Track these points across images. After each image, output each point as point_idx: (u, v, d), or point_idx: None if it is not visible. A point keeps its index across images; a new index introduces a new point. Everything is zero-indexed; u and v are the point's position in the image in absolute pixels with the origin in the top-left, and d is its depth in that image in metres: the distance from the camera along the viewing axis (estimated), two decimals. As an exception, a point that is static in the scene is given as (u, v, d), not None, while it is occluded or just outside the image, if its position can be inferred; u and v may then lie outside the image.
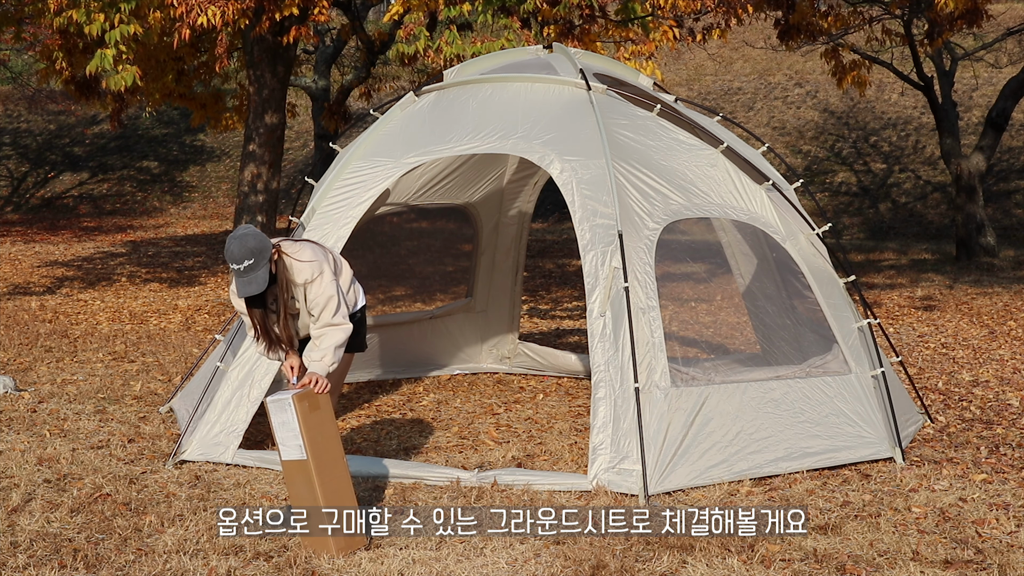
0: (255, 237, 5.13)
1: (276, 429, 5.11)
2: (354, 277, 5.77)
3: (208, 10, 10.29)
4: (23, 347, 10.10)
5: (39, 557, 4.97)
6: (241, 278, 5.10)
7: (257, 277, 5.11)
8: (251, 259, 5.08)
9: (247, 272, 5.09)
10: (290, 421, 5.05)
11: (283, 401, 5.06)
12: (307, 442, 5.02)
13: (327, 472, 5.06)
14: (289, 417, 5.05)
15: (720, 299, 9.83)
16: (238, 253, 5.07)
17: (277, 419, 5.10)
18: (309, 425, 5.06)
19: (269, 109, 13.73)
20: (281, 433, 5.09)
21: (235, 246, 5.08)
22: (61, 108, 30.27)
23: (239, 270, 5.09)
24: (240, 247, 5.08)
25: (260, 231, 5.21)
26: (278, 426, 5.10)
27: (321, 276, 5.32)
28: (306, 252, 5.36)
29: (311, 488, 5.02)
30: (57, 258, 17.95)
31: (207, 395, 6.63)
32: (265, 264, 5.13)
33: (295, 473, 5.06)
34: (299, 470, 5.05)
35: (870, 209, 22.47)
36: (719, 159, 6.85)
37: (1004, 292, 13.98)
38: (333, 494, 5.05)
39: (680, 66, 28.86)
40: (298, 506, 5.07)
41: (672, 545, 5.08)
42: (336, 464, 5.12)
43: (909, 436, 6.92)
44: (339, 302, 5.36)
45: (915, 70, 17.53)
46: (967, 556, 5.00)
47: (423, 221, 10.85)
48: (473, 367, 9.43)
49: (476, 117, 6.93)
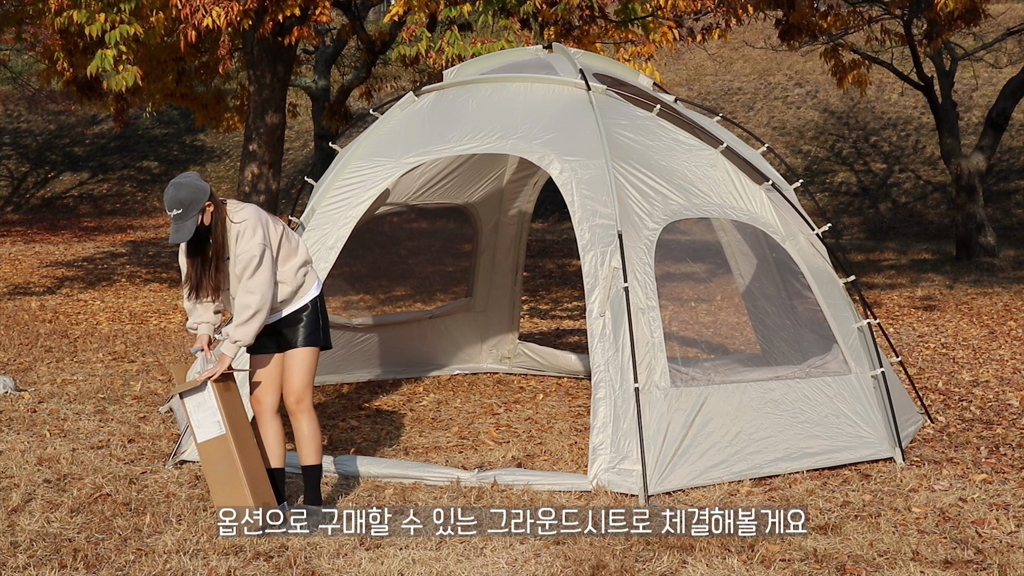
0: (188, 188, 5.14)
1: (192, 413, 5.29)
2: (311, 267, 5.54)
3: (213, 11, 10.28)
4: (23, 347, 10.10)
5: (39, 557, 4.97)
6: (173, 224, 5.19)
7: (184, 227, 5.14)
8: (180, 209, 5.12)
9: (176, 220, 5.15)
10: (207, 400, 5.26)
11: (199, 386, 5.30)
12: (225, 417, 5.23)
13: (244, 446, 5.28)
14: (206, 396, 5.26)
15: (720, 299, 9.83)
16: (169, 200, 5.14)
17: (192, 403, 5.29)
18: (225, 402, 5.28)
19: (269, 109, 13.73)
20: (197, 415, 5.28)
21: (169, 193, 5.15)
22: (61, 108, 30.27)
23: (171, 216, 5.17)
24: (172, 195, 5.13)
25: (201, 182, 5.21)
26: (194, 409, 5.28)
27: (253, 235, 5.22)
28: (244, 212, 5.30)
29: (231, 461, 5.21)
30: (57, 258, 17.95)
31: (207, 395, 6.63)
32: (194, 216, 5.14)
33: (213, 451, 5.25)
34: (218, 447, 5.24)
35: (870, 209, 22.48)
36: (719, 159, 6.86)
37: (1004, 292, 13.98)
38: (250, 467, 5.26)
39: (680, 66, 28.86)
40: (216, 484, 5.24)
41: (672, 545, 5.08)
42: (249, 441, 5.37)
43: (909, 436, 6.92)
44: (260, 265, 5.20)
45: (915, 70, 17.54)
46: (967, 556, 5.00)
47: (423, 221, 10.86)
48: (473, 367, 9.43)
49: (476, 117, 6.93)
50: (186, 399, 5.30)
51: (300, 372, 5.43)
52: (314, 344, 5.46)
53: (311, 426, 5.46)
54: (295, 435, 5.48)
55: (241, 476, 5.21)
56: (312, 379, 5.48)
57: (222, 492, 5.22)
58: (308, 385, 5.45)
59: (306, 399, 5.45)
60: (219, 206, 5.27)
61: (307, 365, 5.44)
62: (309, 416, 5.46)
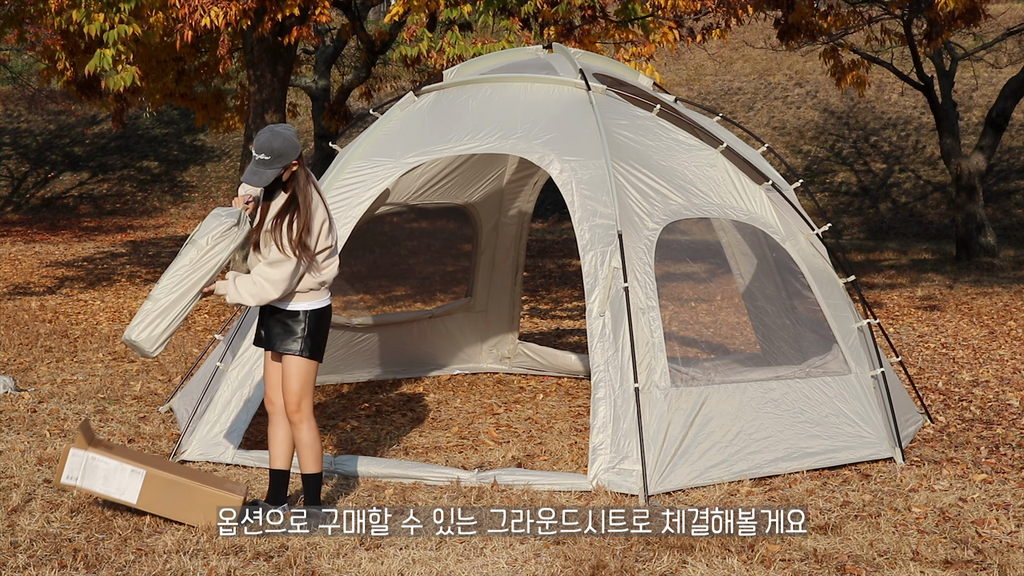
0: (285, 140, 5.08)
1: (103, 486, 5.38)
2: (327, 285, 5.46)
3: (211, 11, 10.28)
4: (23, 347, 10.10)
5: (39, 557, 4.97)
6: (253, 166, 5.11)
7: (264, 174, 5.09)
8: (268, 156, 5.07)
9: (259, 164, 5.09)
10: (104, 466, 5.38)
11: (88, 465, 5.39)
12: (129, 461, 5.39)
13: (165, 467, 5.52)
14: (100, 463, 5.37)
15: (720, 299, 9.83)
16: (262, 143, 5.07)
17: (97, 480, 5.38)
18: (118, 453, 5.47)
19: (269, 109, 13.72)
20: (112, 484, 5.37)
21: (265, 136, 5.09)
22: (61, 108, 30.26)
23: (255, 159, 5.09)
24: (267, 140, 5.07)
25: (295, 139, 5.14)
26: (103, 482, 5.38)
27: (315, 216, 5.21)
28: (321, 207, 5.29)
29: (173, 484, 5.37)
30: (57, 258, 17.95)
31: (207, 395, 6.63)
32: (278, 168, 5.09)
33: (153, 493, 5.36)
34: (153, 487, 5.35)
35: (870, 209, 22.48)
36: (719, 159, 6.86)
37: (1004, 292, 13.98)
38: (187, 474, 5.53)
39: (680, 66, 28.86)
40: (183, 511, 5.36)
41: (672, 545, 5.08)
42: (159, 460, 5.72)
43: (909, 436, 6.92)
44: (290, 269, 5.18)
45: (915, 70, 17.53)
46: (967, 556, 5.00)
47: (423, 221, 10.86)
48: (473, 367, 9.43)
49: (476, 117, 6.94)
50: (90, 481, 5.37)
51: (294, 381, 5.35)
52: (300, 354, 5.33)
53: (310, 435, 5.42)
54: (296, 444, 5.46)
55: (193, 485, 5.36)
56: (309, 388, 5.38)
57: (192, 513, 5.34)
58: (305, 394, 5.37)
59: (304, 408, 5.38)
60: (304, 169, 5.22)
61: (300, 375, 5.34)
62: (308, 424, 5.41)
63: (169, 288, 5.20)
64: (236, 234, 5.22)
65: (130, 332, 5.20)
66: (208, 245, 5.19)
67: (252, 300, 5.25)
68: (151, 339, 5.20)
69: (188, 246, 5.24)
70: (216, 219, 5.22)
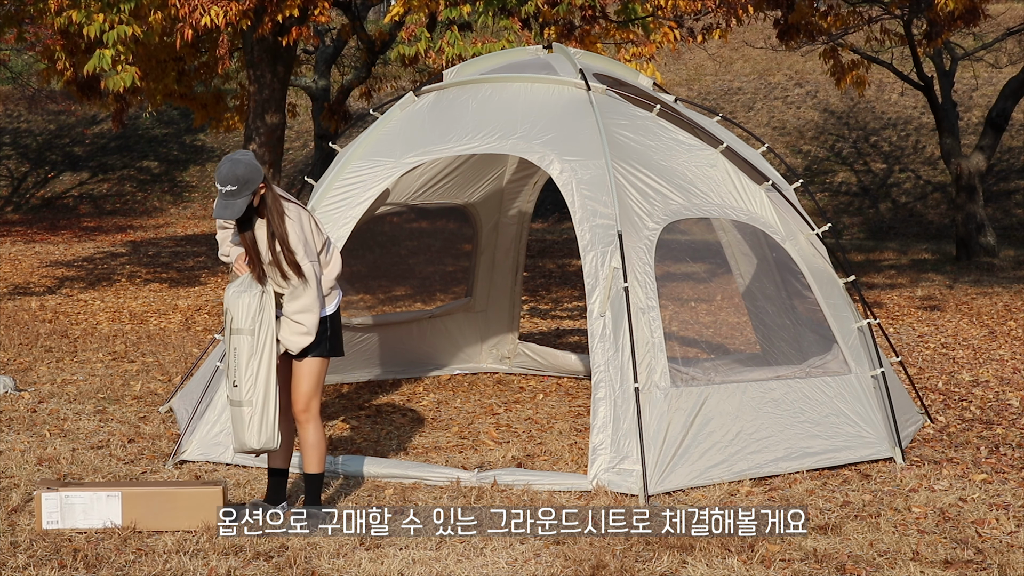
0: (247, 166, 5.07)
1: (85, 520, 5.34)
2: (337, 287, 5.53)
3: (211, 10, 10.28)
4: (23, 347, 10.10)
5: (39, 557, 4.97)
6: (221, 200, 5.10)
7: (235, 204, 5.07)
8: (235, 185, 5.05)
9: (227, 196, 5.07)
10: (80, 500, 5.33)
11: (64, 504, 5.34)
12: (107, 488, 5.39)
13: (132, 486, 5.54)
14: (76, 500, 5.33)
15: (720, 299, 9.83)
16: (225, 175, 5.05)
17: (77, 516, 5.34)
18: (88, 486, 5.45)
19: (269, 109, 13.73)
20: (92, 517, 5.34)
21: (226, 168, 5.06)
22: (61, 108, 30.26)
23: (221, 192, 5.08)
24: (229, 170, 5.05)
25: (255, 163, 5.13)
26: (84, 516, 5.34)
27: (299, 224, 5.22)
28: (289, 208, 5.27)
29: (148, 497, 5.39)
30: (57, 258, 17.95)
31: (207, 395, 6.63)
32: (247, 196, 5.08)
33: (134, 510, 5.34)
34: (131, 505, 5.35)
35: (870, 209, 22.48)
36: (719, 159, 6.86)
37: (1004, 292, 13.98)
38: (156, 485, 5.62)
39: (680, 66, 28.86)
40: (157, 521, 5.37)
41: (672, 545, 5.08)
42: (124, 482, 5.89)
43: (909, 436, 6.92)
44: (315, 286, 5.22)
45: (915, 70, 17.53)
46: (967, 556, 5.00)
47: (423, 221, 10.85)
48: (473, 367, 9.43)
49: (476, 117, 6.93)
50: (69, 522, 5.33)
51: (306, 381, 5.38)
52: (321, 355, 5.40)
53: (316, 435, 5.43)
54: (300, 443, 5.47)
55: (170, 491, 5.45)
56: (319, 388, 5.42)
57: (179, 517, 5.37)
58: (315, 394, 5.40)
59: (313, 408, 5.41)
60: (271, 188, 5.22)
61: (314, 374, 5.38)
62: (315, 425, 5.43)
63: (252, 386, 5.19)
64: (265, 296, 5.23)
65: (250, 443, 5.22)
66: (256, 325, 5.18)
67: (311, 335, 5.29)
68: (270, 438, 5.24)
69: (237, 336, 5.19)
70: (240, 296, 5.20)
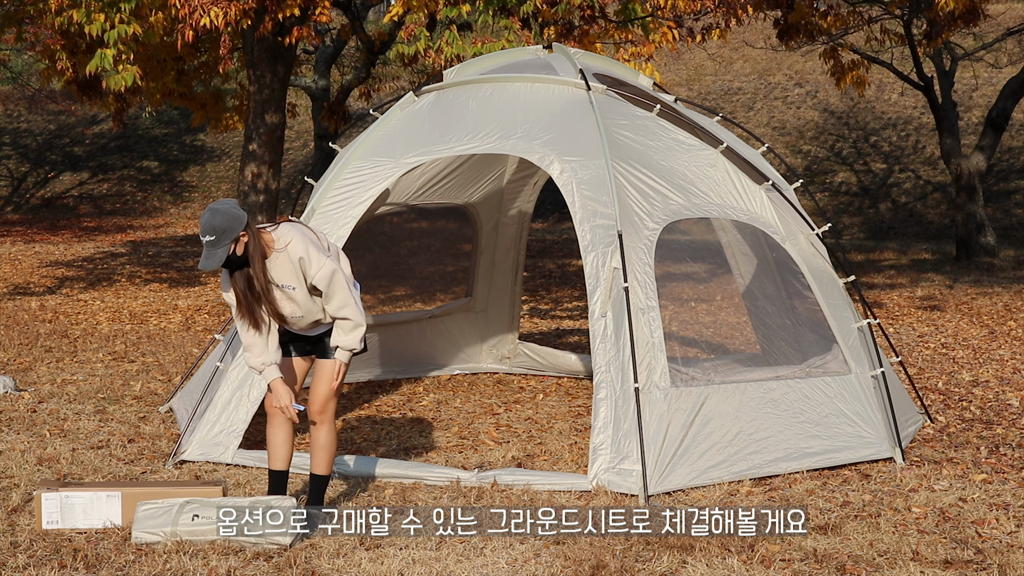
0: (225, 215, 5.06)
1: (84, 520, 5.34)
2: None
3: (211, 11, 10.27)
4: (23, 347, 10.10)
5: (39, 557, 4.97)
6: (204, 251, 5.12)
7: (215, 254, 5.07)
8: (213, 236, 5.05)
9: (209, 246, 5.08)
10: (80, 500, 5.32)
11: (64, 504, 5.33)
12: (107, 488, 5.41)
13: (132, 486, 5.56)
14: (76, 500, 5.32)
15: (720, 299, 9.83)
16: (204, 226, 5.07)
17: (77, 516, 5.33)
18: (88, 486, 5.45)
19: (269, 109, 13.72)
20: (92, 517, 5.33)
21: (205, 218, 5.08)
22: (61, 108, 30.26)
23: (203, 242, 5.09)
24: (207, 221, 5.06)
25: (239, 211, 5.12)
26: (84, 516, 5.34)
27: (314, 256, 5.21)
28: (287, 235, 5.23)
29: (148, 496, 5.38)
30: (57, 258, 17.95)
31: (207, 395, 6.63)
32: (226, 244, 5.07)
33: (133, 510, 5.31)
34: (131, 506, 5.32)
35: (870, 209, 22.48)
36: (719, 159, 6.85)
37: (1004, 292, 13.98)
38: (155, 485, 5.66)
39: (680, 66, 28.86)
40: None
41: (672, 545, 5.08)
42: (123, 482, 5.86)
43: (909, 436, 6.92)
44: (334, 281, 5.22)
45: (915, 70, 17.53)
46: (967, 556, 5.00)
47: (423, 221, 10.85)
48: (473, 367, 9.43)
49: (476, 117, 6.93)
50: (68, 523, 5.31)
51: (328, 382, 5.39)
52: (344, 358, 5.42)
53: (328, 437, 5.44)
54: (311, 443, 5.48)
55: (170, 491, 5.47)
56: (338, 391, 5.45)
57: None
58: (333, 396, 5.42)
59: (329, 410, 5.42)
60: (255, 236, 5.20)
61: (335, 376, 5.40)
62: (329, 427, 5.44)
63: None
64: None
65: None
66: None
67: (362, 325, 5.35)
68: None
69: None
70: None
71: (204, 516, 5.08)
